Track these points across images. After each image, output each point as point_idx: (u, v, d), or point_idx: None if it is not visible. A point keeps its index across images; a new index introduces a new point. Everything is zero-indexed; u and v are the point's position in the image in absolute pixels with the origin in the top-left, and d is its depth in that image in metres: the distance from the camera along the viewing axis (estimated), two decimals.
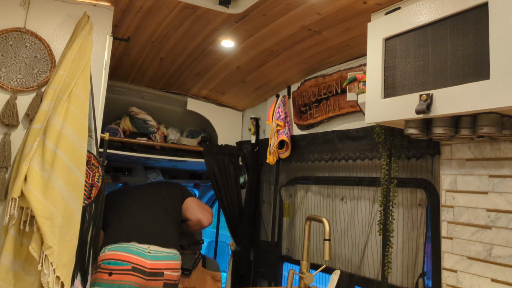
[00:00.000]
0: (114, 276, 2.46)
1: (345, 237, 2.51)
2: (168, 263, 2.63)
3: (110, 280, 2.45)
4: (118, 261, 2.50)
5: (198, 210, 2.98)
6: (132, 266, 2.50)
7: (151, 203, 2.91)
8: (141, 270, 2.51)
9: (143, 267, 2.52)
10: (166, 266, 2.61)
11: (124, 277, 2.47)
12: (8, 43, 2.11)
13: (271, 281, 3.03)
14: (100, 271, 2.50)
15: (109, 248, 2.57)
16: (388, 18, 1.76)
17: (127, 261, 2.50)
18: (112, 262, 2.49)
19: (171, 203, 2.97)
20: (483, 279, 1.67)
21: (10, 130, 2.05)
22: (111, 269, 2.47)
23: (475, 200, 1.74)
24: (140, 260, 2.53)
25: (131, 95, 3.35)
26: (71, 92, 2.04)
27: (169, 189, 3.09)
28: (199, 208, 3.00)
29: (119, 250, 2.54)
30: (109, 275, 2.46)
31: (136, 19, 2.43)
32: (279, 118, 2.91)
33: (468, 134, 1.58)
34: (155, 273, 2.56)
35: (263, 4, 2.14)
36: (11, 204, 1.84)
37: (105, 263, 2.50)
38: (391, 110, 1.69)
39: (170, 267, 2.63)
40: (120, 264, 2.49)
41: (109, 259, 2.51)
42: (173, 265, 2.65)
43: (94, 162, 2.19)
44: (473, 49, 1.42)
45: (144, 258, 2.55)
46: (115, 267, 2.48)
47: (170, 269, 2.63)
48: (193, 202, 3.04)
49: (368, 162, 2.39)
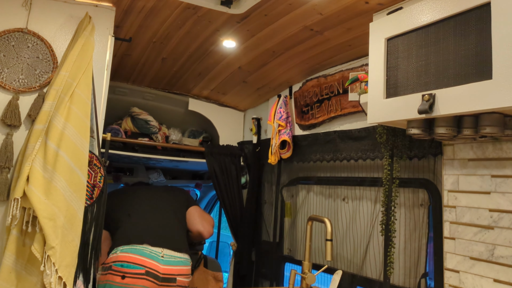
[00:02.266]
0: (127, 279, 2.39)
1: (347, 238, 2.50)
2: (181, 269, 2.57)
3: (124, 284, 2.38)
4: (131, 264, 2.43)
5: (199, 221, 2.96)
6: (146, 270, 2.43)
7: (161, 206, 2.88)
8: (155, 275, 2.45)
9: (157, 272, 2.45)
10: (178, 272, 2.55)
11: (137, 281, 2.40)
12: (10, 43, 2.11)
13: (272, 281, 3.03)
14: (112, 273, 2.43)
15: (121, 249, 2.50)
16: (390, 18, 1.76)
17: (141, 265, 2.44)
18: (125, 265, 2.42)
19: (179, 208, 2.96)
20: (485, 279, 1.66)
21: (12, 130, 2.05)
22: (124, 272, 2.40)
23: (477, 200, 1.73)
24: (153, 264, 2.46)
25: (132, 95, 3.35)
26: (73, 93, 2.04)
27: (177, 195, 3.09)
28: (200, 219, 2.97)
29: (132, 252, 2.47)
30: (122, 278, 2.40)
31: (137, 20, 2.44)
32: (280, 118, 2.91)
33: (471, 134, 1.58)
34: (168, 278, 2.50)
35: (265, 4, 2.14)
36: (14, 204, 1.84)
37: (118, 265, 2.43)
38: (393, 110, 1.69)
39: (183, 273, 2.58)
40: (134, 267, 2.42)
41: (122, 261, 2.44)
42: (185, 270, 2.60)
43: (96, 163, 2.19)
44: (475, 49, 1.42)
45: (158, 262, 2.48)
46: (128, 270, 2.41)
47: (182, 275, 2.58)
48: (196, 212, 3.01)
49: (370, 162, 2.38)
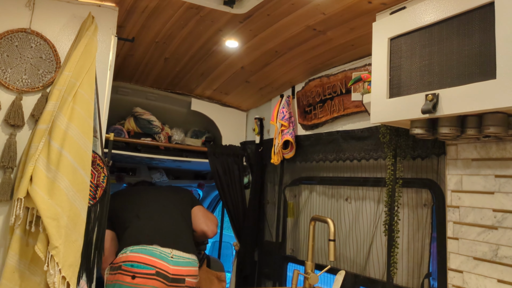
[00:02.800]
0: (138, 279, 2.40)
1: (350, 238, 2.50)
2: (189, 269, 2.58)
3: (134, 284, 2.39)
4: (142, 264, 2.43)
5: (203, 221, 2.98)
6: (156, 270, 2.43)
7: (168, 207, 2.89)
8: (164, 275, 2.45)
9: (167, 272, 2.46)
10: (187, 273, 2.56)
11: (147, 281, 2.40)
12: (14, 43, 2.12)
13: (275, 281, 3.03)
14: (122, 272, 2.43)
15: (131, 249, 2.50)
16: (393, 18, 1.76)
17: (151, 265, 2.44)
18: (135, 265, 2.43)
19: (185, 208, 2.97)
20: (489, 279, 1.66)
21: (16, 130, 2.06)
22: (135, 272, 2.41)
23: (481, 200, 1.73)
24: (163, 265, 2.47)
25: (135, 95, 3.36)
26: (76, 93, 2.05)
27: (182, 196, 3.10)
28: (205, 219, 2.99)
29: (142, 253, 2.48)
30: (132, 278, 2.40)
31: (140, 20, 2.44)
32: (283, 118, 2.91)
33: (474, 134, 1.57)
34: (177, 279, 2.50)
35: (267, 4, 2.13)
36: (17, 204, 1.84)
37: (128, 265, 2.43)
38: (396, 110, 1.68)
39: (191, 274, 2.58)
40: (144, 268, 2.42)
41: (132, 261, 2.44)
42: (193, 271, 2.60)
43: (99, 163, 2.19)
44: (479, 48, 1.41)
45: (167, 263, 2.49)
46: (138, 270, 2.41)
47: (191, 275, 2.58)
48: (200, 212, 3.02)
49: (373, 162, 2.38)
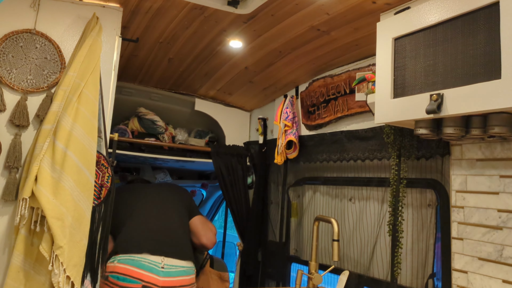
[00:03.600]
0: None
1: (354, 238, 2.50)
2: (182, 280, 2.45)
3: None
4: (127, 277, 2.34)
5: (203, 233, 2.83)
6: (142, 285, 2.33)
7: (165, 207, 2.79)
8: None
9: (155, 285, 2.35)
10: (180, 283, 2.43)
11: None
12: (19, 44, 2.13)
13: (279, 281, 3.03)
14: (108, 284, 2.37)
15: (119, 259, 2.42)
16: (397, 18, 1.76)
17: (138, 278, 2.34)
18: (121, 278, 2.34)
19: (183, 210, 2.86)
20: (494, 280, 1.65)
21: (21, 130, 2.07)
22: (120, 285, 2.33)
23: (486, 201, 1.72)
24: (151, 278, 2.36)
25: (139, 95, 3.37)
26: (81, 93, 2.05)
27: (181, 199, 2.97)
28: (205, 232, 2.85)
29: (129, 264, 2.38)
30: None
31: (144, 20, 2.44)
32: (287, 119, 2.91)
33: (479, 134, 1.57)
34: None
35: (271, 4, 2.14)
36: (22, 204, 1.85)
37: (114, 277, 2.36)
38: (400, 110, 1.68)
39: (184, 284, 2.45)
40: (129, 282, 2.33)
41: (118, 273, 2.36)
42: (187, 281, 2.48)
43: (104, 163, 2.20)
44: (484, 48, 1.41)
45: (157, 275, 2.37)
46: (124, 284, 2.32)
47: (185, 286, 2.46)
48: (199, 223, 2.88)
49: (377, 163, 2.38)
